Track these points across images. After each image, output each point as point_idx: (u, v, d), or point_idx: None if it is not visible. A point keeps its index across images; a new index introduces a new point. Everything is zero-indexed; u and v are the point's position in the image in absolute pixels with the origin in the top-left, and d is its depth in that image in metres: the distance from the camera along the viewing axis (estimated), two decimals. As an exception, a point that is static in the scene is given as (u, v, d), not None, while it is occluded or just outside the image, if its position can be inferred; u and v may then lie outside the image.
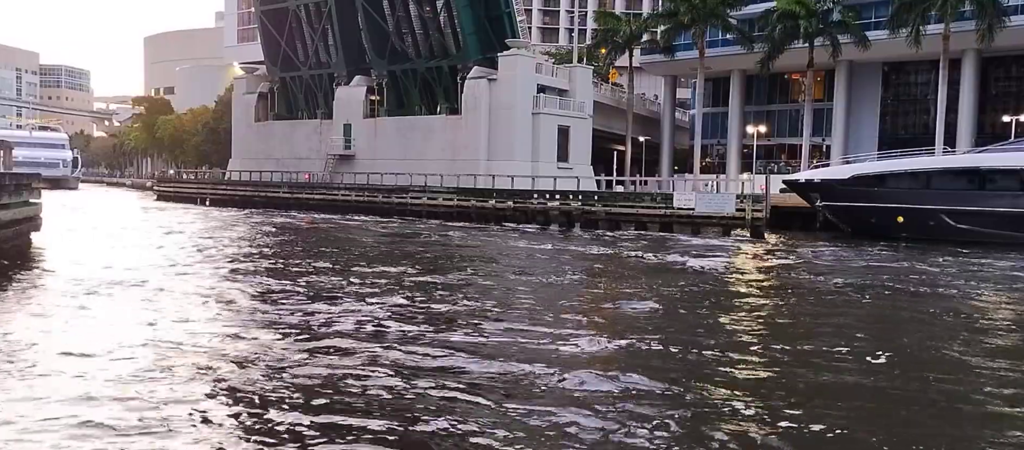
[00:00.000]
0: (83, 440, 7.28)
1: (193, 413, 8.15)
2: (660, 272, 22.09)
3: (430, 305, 14.96)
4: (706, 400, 9.05)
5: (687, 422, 8.16)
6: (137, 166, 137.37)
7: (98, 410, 8.11)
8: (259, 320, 13.30)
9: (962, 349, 12.10)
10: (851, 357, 11.27)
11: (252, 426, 7.90)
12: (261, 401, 8.65)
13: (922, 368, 10.88)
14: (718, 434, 7.76)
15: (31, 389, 8.83)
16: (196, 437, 7.48)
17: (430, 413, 8.27)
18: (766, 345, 12.39)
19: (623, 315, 14.84)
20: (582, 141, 53.02)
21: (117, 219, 42.25)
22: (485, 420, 8.07)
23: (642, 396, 9.03)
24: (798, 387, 9.78)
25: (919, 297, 17.84)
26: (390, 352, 10.90)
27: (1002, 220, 31.12)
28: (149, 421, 7.82)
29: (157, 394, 8.71)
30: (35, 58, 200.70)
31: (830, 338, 12.70)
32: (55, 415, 7.92)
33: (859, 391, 9.57)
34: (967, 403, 9.19)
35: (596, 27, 63.25)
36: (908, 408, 9.00)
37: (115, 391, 8.78)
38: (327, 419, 8.05)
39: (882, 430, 7.99)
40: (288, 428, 7.79)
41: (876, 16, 46.90)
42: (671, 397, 9.08)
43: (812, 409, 8.75)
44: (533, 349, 11.34)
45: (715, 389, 9.49)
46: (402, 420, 8.02)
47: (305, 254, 25.03)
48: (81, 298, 15.06)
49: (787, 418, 8.35)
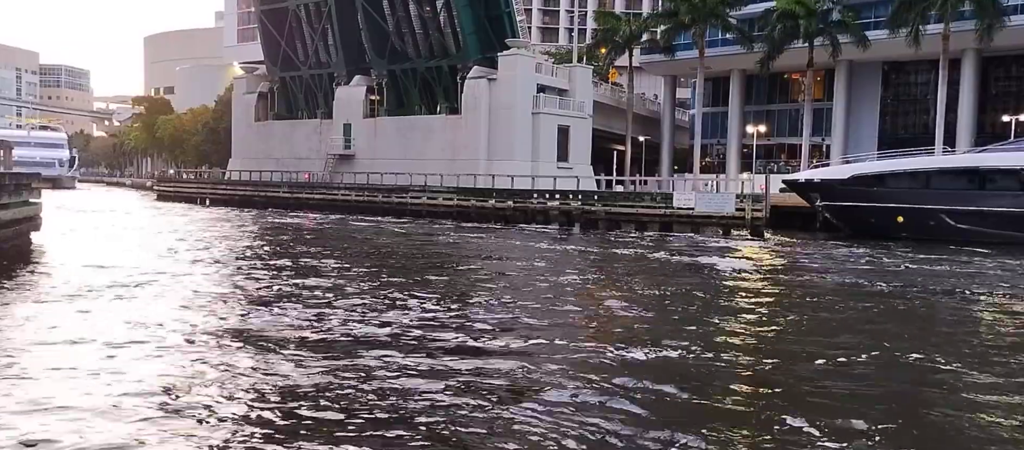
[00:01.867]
0: (83, 440, 7.28)
1: (193, 414, 8.15)
2: (660, 272, 22.10)
3: (429, 305, 14.96)
4: (705, 400, 9.05)
5: (686, 422, 8.16)
6: (137, 166, 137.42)
7: (98, 410, 8.12)
8: (258, 320, 13.30)
9: (962, 349, 12.10)
10: (851, 357, 11.28)
11: (251, 426, 7.90)
12: (259, 401, 8.66)
13: (923, 368, 10.89)
14: (718, 435, 7.76)
15: (30, 389, 8.83)
16: (196, 437, 7.48)
17: (428, 413, 8.27)
18: (765, 345, 12.39)
19: (621, 315, 14.84)
20: (582, 141, 53.05)
21: (117, 219, 42.24)
22: (480, 421, 8.07)
23: (639, 396, 9.03)
24: (798, 387, 9.78)
25: (919, 297, 17.84)
26: (390, 353, 10.90)
27: (1002, 220, 31.13)
28: (149, 422, 7.82)
29: (157, 394, 8.71)
30: (35, 58, 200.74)
31: (830, 338, 12.71)
32: (54, 415, 7.92)
33: (859, 391, 9.57)
34: (966, 402, 9.19)
35: (596, 27, 63.25)
36: (909, 408, 9.01)
37: (115, 392, 8.78)
38: (323, 419, 8.06)
39: (883, 430, 8.00)
40: (283, 428, 7.79)
41: (876, 16, 46.94)
42: (670, 397, 9.08)
43: (812, 408, 8.76)
44: (532, 349, 11.34)
45: (714, 389, 9.49)
46: (402, 419, 8.03)
47: (304, 254, 25.04)
48: (81, 299, 15.05)
49: (787, 418, 8.35)
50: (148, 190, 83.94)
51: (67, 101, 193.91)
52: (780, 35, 45.19)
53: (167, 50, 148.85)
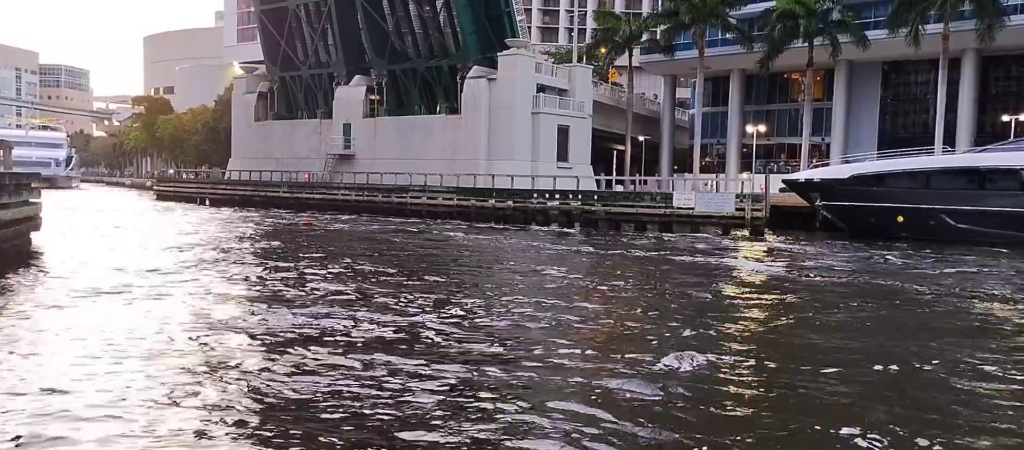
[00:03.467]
0: (82, 440, 7.28)
1: (193, 414, 8.14)
2: (660, 272, 22.09)
3: (428, 305, 14.96)
4: (705, 401, 9.04)
5: (687, 423, 8.16)
6: (137, 166, 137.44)
7: (98, 410, 8.11)
8: (257, 320, 13.29)
9: (961, 348, 12.09)
10: (851, 357, 11.27)
11: (250, 425, 7.90)
12: (258, 401, 8.65)
13: (922, 368, 10.88)
14: (718, 437, 7.76)
15: (30, 389, 8.82)
16: (196, 438, 7.48)
17: (425, 412, 8.27)
18: (765, 345, 12.38)
19: (621, 316, 14.83)
20: (582, 141, 53.05)
21: (117, 219, 42.22)
22: (480, 421, 8.06)
23: (640, 397, 9.02)
24: (797, 387, 9.77)
25: (920, 297, 17.83)
26: (390, 353, 10.90)
27: (1002, 220, 31.12)
28: (148, 422, 7.82)
29: (157, 395, 8.71)
30: (35, 58, 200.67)
31: (830, 338, 12.70)
32: (55, 416, 7.91)
33: (859, 391, 9.56)
34: (966, 401, 9.19)
35: (596, 27, 63.23)
36: (908, 409, 9.00)
37: (115, 392, 8.77)
38: (322, 419, 8.06)
39: (882, 431, 7.99)
40: (284, 428, 7.79)
41: (876, 16, 46.92)
42: (670, 397, 9.07)
43: (812, 410, 8.76)
44: (533, 350, 11.33)
45: (715, 390, 9.48)
46: (401, 420, 8.02)
47: (304, 255, 25.04)
48: (81, 299, 15.05)
49: (788, 419, 8.35)
50: (148, 190, 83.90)
51: (67, 101, 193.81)
52: (780, 35, 45.19)
53: (167, 50, 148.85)
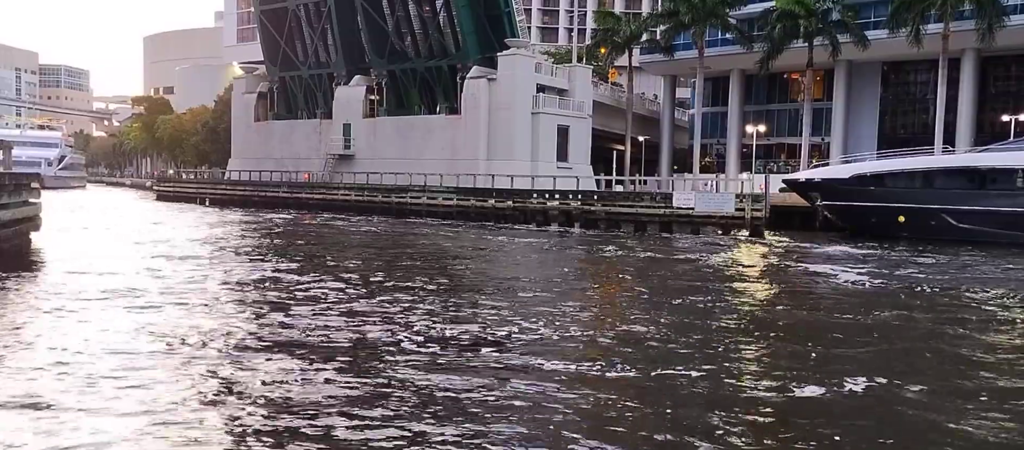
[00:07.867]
0: (81, 441, 7.26)
1: (193, 415, 8.12)
2: (659, 272, 22.07)
3: (427, 305, 14.94)
4: (705, 402, 9.03)
5: (686, 424, 8.14)
6: (137, 166, 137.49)
7: (97, 409, 8.10)
8: (256, 320, 13.28)
9: (961, 348, 12.08)
10: (850, 357, 11.26)
11: (248, 425, 7.88)
12: (257, 401, 8.63)
13: (922, 367, 10.87)
14: (719, 439, 7.74)
15: (29, 390, 8.81)
16: (197, 438, 7.46)
17: (425, 412, 8.25)
18: (766, 346, 12.37)
19: (621, 316, 14.82)
20: (581, 141, 53.05)
21: (116, 219, 42.20)
22: (475, 420, 8.05)
23: (640, 398, 9.01)
24: (796, 387, 9.75)
25: (921, 297, 17.83)
26: (390, 354, 10.89)
27: (1002, 220, 31.13)
28: (148, 422, 7.80)
29: (158, 395, 8.69)
30: (34, 58, 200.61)
31: (829, 338, 12.68)
32: (54, 415, 7.90)
33: (858, 391, 9.54)
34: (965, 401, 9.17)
35: (596, 27, 63.19)
36: (908, 408, 8.98)
37: (115, 392, 8.75)
38: (323, 419, 8.04)
39: (883, 431, 7.98)
40: (283, 428, 7.77)
41: (876, 16, 46.90)
42: (670, 398, 9.06)
43: (810, 409, 8.74)
44: (532, 350, 11.31)
45: (715, 392, 9.47)
46: (401, 420, 8.01)
47: (305, 255, 25.02)
48: (80, 300, 15.02)
49: (785, 418, 8.33)
50: (148, 190, 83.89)
51: (67, 101, 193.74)
52: (780, 35, 45.16)
53: (167, 50, 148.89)
